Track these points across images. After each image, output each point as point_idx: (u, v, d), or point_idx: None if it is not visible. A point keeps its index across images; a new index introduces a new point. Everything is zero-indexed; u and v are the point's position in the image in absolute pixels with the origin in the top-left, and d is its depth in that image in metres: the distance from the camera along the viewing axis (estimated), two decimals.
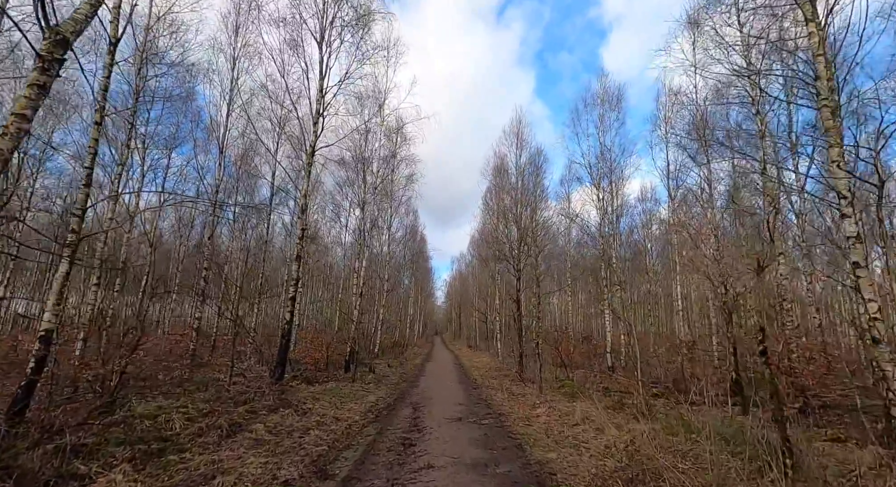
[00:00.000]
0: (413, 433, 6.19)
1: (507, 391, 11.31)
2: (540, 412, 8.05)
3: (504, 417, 7.68)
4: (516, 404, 9.20)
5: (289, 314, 9.77)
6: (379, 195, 19.73)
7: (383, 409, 8.36)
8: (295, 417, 6.78)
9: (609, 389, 12.10)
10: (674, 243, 14.71)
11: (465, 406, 8.70)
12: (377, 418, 7.44)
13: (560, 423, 7.13)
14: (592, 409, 7.95)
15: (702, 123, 11.62)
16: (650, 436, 5.62)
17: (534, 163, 16.17)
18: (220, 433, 5.42)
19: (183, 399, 7.27)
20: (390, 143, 16.79)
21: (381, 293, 22.61)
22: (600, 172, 16.72)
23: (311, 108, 10.52)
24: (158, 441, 5.07)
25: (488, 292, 34.66)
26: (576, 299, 29.89)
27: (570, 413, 7.84)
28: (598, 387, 12.26)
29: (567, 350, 12.53)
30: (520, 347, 14.02)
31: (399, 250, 27.30)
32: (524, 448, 5.43)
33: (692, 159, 12.15)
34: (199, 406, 6.64)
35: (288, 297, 9.88)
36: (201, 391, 8.84)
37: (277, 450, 5.05)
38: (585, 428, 6.62)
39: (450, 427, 6.68)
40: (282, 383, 9.40)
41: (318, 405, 7.98)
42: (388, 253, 22.38)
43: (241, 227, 19.09)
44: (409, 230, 27.00)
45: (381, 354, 21.96)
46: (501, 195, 16.00)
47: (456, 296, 57.44)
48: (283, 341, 9.68)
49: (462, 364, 20.96)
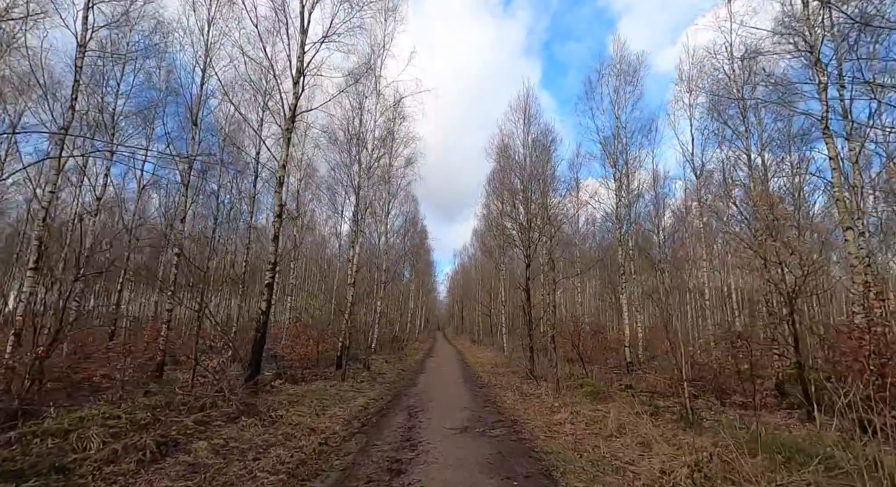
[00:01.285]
0: (405, 450, 4.80)
1: (518, 390, 9.93)
2: (562, 419, 6.65)
3: (519, 426, 6.28)
4: (531, 407, 7.80)
5: (265, 303, 8.38)
6: (375, 180, 18.32)
7: (373, 415, 6.97)
8: (258, 428, 5.39)
9: (632, 387, 10.70)
10: (702, 225, 13.23)
11: (471, 411, 7.31)
12: (363, 428, 6.05)
13: (590, 434, 5.72)
14: (627, 414, 6.56)
15: (739, 80, 10.12)
16: (720, 457, 4.20)
17: (542, 140, 14.69)
18: (144, 456, 4.03)
19: (124, 406, 5.90)
20: (387, 121, 15.32)
21: (378, 285, 21.24)
22: (616, 151, 15.23)
23: (290, 64, 9.08)
24: (53, 471, 3.69)
25: (492, 285, 33.24)
26: (584, 291, 28.46)
27: (600, 420, 6.44)
28: (617, 385, 10.87)
29: (585, 344, 11.12)
30: (529, 341, 12.62)
31: (398, 242, 25.89)
32: (553, 475, 4.02)
33: (726, 125, 10.63)
34: (138, 417, 5.26)
35: (264, 284, 8.51)
36: (157, 394, 7.49)
37: (215, 482, 3.66)
38: (625, 442, 5.21)
39: (453, 441, 5.28)
40: (256, 383, 8.03)
41: (294, 412, 6.59)
42: (386, 242, 20.99)
43: (225, 213, 17.72)
44: (408, 220, 25.54)
45: (379, 349, 20.61)
46: (508, 175, 14.52)
47: (458, 290, 56.08)
48: (258, 334, 8.29)
49: (465, 360, 19.60)
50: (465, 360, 19.62)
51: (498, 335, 27.15)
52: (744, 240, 7.10)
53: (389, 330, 27.22)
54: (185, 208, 11.26)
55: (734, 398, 7.96)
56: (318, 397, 8.15)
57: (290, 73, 9.14)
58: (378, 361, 16.11)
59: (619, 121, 15.15)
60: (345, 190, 18.10)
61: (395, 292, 30.75)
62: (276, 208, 8.76)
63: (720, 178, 13.19)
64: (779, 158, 10.21)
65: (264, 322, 8.41)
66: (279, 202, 8.78)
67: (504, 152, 15.87)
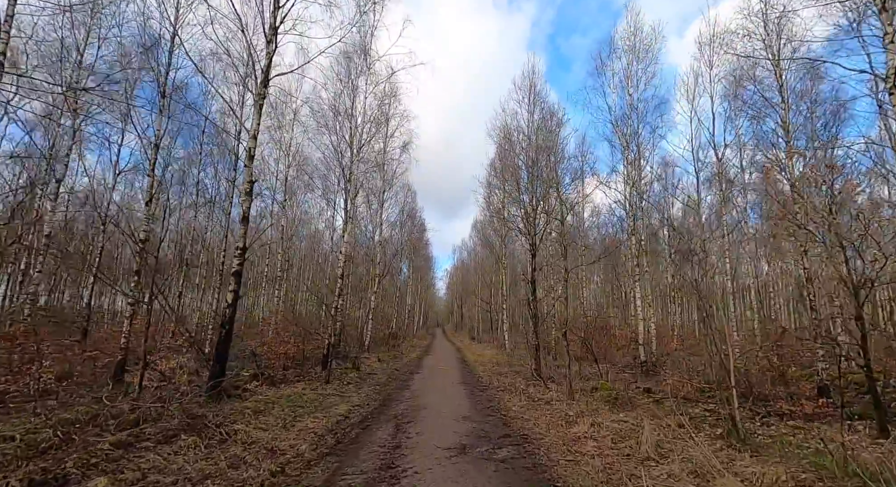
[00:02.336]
0: (384, 484, 3.62)
1: (525, 394, 8.76)
2: (582, 433, 5.47)
3: (531, 443, 5.10)
4: (542, 416, 6.63)
5: (231, 294, 7.18)
6: (369, 166, 17.09)
7: (353, 427, 5.79)
8: (197, 451, 4.20)
9: (652, 391, 9.55)
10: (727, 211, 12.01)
11: (472, 422, 6.13)
12: (337, 446, 4.86)
13: (622, 456, 4.54)
14: (662, 428, 5.38)
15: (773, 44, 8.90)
16: None
17: (548, 122, 13.44)
18: None
19: (37, 421, 4.71)
20: (379, 100, 14.06)
21: (372, 279, 20.04)
22: (628, 132, 14.01)
23: (263, 18, 7.83)
24: None
25: (492, 280, 32.06)
26: (587, 287, 27.29)
27: (629, 435, 5.26)
28: (635, 389, 9.72)
29: (598, 343, 9.95)
30: (535, 338, 11.44)
31: (395, 235, 24.68)
32: None
33: (762, 97, 9.39)
34: (40, 438, 4.08)
35: (230, 271, 7.31)
36: (100, 403, 6.32)
37: None
38: (672, 470, 4.02)
39: (448, 467, 4.10)
40: (219, 387, 6.84)
41: (256, 424, 5.41)
42: (380, 232, 19.78)
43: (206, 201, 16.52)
44: (405, 211, 24.30)
45: (374, 347, 19.44)
46: (511, 156, 13.27)
47: (457, 287, 54.93)
48: (223, 331, 7.10)
49: (465, 358, 18.43)
50: (465, 358, 18.46)
51: (499, 331, 26.00)
52: (793, 220, 5.91)
53: (385, 327, 26.07)
54: (150, 191, 10.04)
55: (779, 405, 6.78)
56: (292, 403, 6.97)
57: (262, 29, 7.90)
58: (370, 359, 14.95)
59: (633, 98, 13.94)
60: (337, 179, 16.90)
61: (392, 288, 29.55)
62: (245, 184, 7.55)
63: (749, 156, 12.02)
64: (821, 131, 8.96)
65: (231, 317, 7.21)
66: (249, 178, 7.56)
67: (507, 134, 14.63)
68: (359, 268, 24.76)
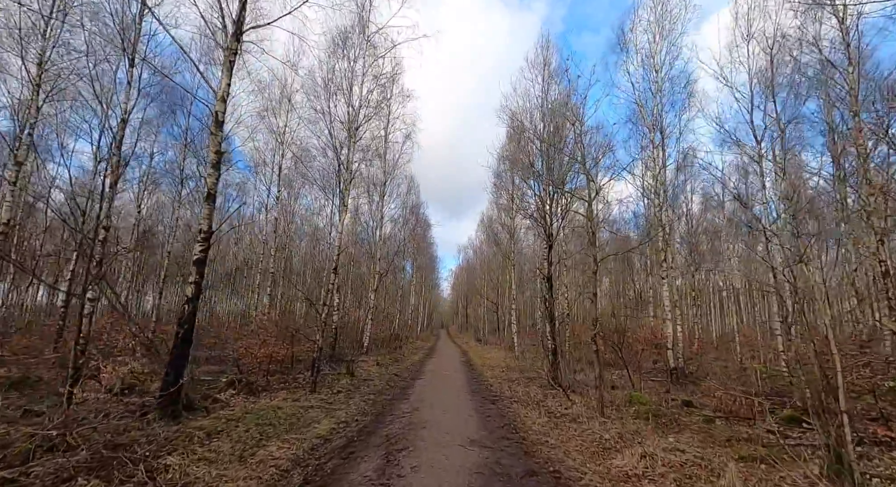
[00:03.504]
0: None
1: (543, 407, 7.42)
2: (631, 468, 4.14)
3: (565, 484, 3.77)
4: (572, 439, 5.30)
5: (191, 287, 5.92)
6: (368, 153, 15.84)
7: (330, 456, 4.48)
8: None
9: (693, 405, 8.18)
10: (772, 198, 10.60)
11: (483, 449, 4.81)
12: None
13: None
14: (734, 460, 4.03)
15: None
16: None
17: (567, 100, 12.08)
18: None
19: None
20: (378, 78, 12.77)
21: (372, 277, 18.77)
22: (654, 112, 12.65)
23: None
24: None
25: (499, 280, 30.69)
26: (600, 286, 25.84)
27: (698, 475, 3.92)
28: (671, 401, 8.34)
29: (632, 348, 8.58)
30: (552, 341, 10.10)
31: (397, 232, 23.37)
32: None
33: (828, 63, 7.98)
34: None
35: (193, 259, 6.06)
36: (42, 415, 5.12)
37: None
38: None
39: None
40: (175, 399, 5.58)
41: (201, 454, 4.12)
42: (381, 226, 18.52)
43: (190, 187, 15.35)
44: (407, 206, 23.00)
45: (375, 348, 18.17)
46: (525, 138, 11.92)
47: (462, 287, 53.54)
48: (181, 331, 5.83)
49: (471, 361, 17.09)
50: (471, 361, 17.11)
51: (507, 333, 24.63)
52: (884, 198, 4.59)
53: (388, 327, 24.79)
54: (114, 171, 8.82)
55: (872, 429, 5.40)
56: (262, 420, 5.69)
57: None
58: (368, 363, 13.65)
59: (659, 74, 12.59)
60: (329, 162, 15.62)
61: (395, 288, 28.27)
62: (211, 155, 6.28)
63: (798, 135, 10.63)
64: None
65: (191, 314, 5.95)
66: (216, 147, 6.30)
67: (519, 113, 13.24)
68: (361, 268, 23.57)
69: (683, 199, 19.12)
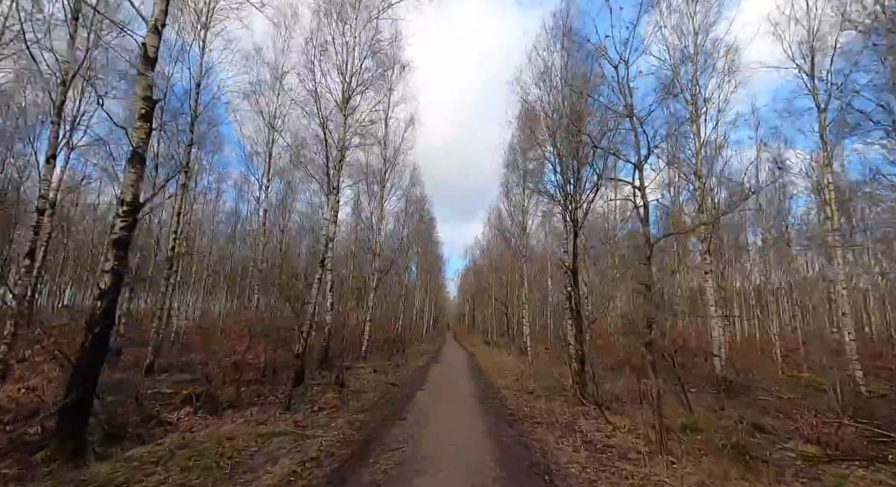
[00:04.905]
0: None
1: (577, 432, 5.78)
2: None
3: None
4: None
5: (108, 276, 4.39)
6: (366, 139, 14.29)
7: None
8: None
9: (764, 429, 6.48)
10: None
11: None
12: None
13: None
14: None
15: None
16: None
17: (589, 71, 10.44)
18: None
19: None
20: (373, 43, 11.22)
21: (371, 275, 17.19)
22: (693, 81, 10.98)
23: None
24: None
25: (508, 279, 28.97)
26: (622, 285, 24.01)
27: None
28: (737, 424, 6.60)
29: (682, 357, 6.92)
30: (579, 345, 8.45)
31: (400, 227, 21.76)
32: None
33: None
34: None
35: (111, 238, 4.52)
36: None
37: None
38: None
39: None
40: (79, 428, 4.03)
41: None
42: (380, 218, 16.96)
43: None
44: (409, 197, 21.39)
45: (373, 353, 16.57)
46: (544, 109, 10.23)
47: (470, 287, 51.79)
48: (91, 335, 4.28)
49: (480, 367, 15.42)
50: (480, 367, 15.45)
51: (517, 335, 22.93)
52: None
53: (391, 330, 23.20)
54: (53, 141, 7.35)
55: None
56: (194, 461, 4.11)
57: None
58: (364, 370, 12.07)
59: (697, 38, 10.92)
60: (315, 132, 14.07)
61: (398, 288, 26.68)
62: (139, 101, 4.74)
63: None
64: None
65: (105, 312, 4.39)
66: (143, 92, 4.76)
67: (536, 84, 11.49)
68: (361, 267, 22.03)
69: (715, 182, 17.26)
